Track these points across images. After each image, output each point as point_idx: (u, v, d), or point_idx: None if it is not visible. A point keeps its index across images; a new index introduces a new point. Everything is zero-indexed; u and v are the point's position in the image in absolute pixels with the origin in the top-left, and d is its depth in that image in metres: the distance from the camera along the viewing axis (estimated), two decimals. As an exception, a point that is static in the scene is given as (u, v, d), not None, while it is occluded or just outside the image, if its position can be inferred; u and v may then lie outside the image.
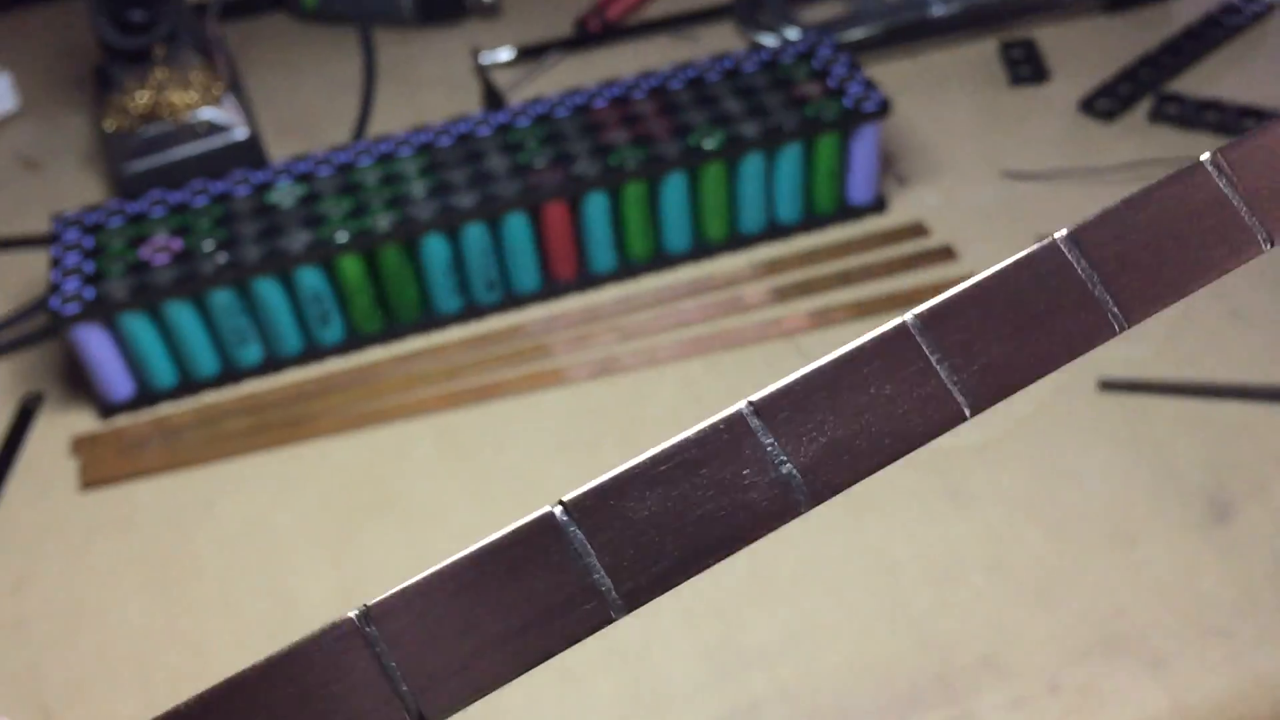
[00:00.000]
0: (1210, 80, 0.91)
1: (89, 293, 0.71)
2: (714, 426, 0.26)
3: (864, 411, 0.27)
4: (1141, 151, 0.85)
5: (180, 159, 0.89)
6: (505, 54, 1.02)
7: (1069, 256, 0.30)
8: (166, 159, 0.88)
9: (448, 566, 0.25)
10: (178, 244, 0.74)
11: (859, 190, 0.82)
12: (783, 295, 0.79)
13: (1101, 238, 0.30)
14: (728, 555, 0.26)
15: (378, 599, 0.25)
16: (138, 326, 0.72)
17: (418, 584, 0.25)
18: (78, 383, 0.77)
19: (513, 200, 0.74)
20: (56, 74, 1.07)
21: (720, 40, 1.02)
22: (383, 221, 0.73)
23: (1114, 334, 0.29)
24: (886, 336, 0.28)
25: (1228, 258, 0.30)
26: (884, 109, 0.78)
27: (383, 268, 0.76)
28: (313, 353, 0.77)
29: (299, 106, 1.00)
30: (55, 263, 0.73)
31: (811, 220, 0.83)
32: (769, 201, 0.81)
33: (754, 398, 0.26)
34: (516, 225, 0.76)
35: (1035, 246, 0.29)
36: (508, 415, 0.74)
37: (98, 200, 0.92)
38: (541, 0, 1.10)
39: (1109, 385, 0.70)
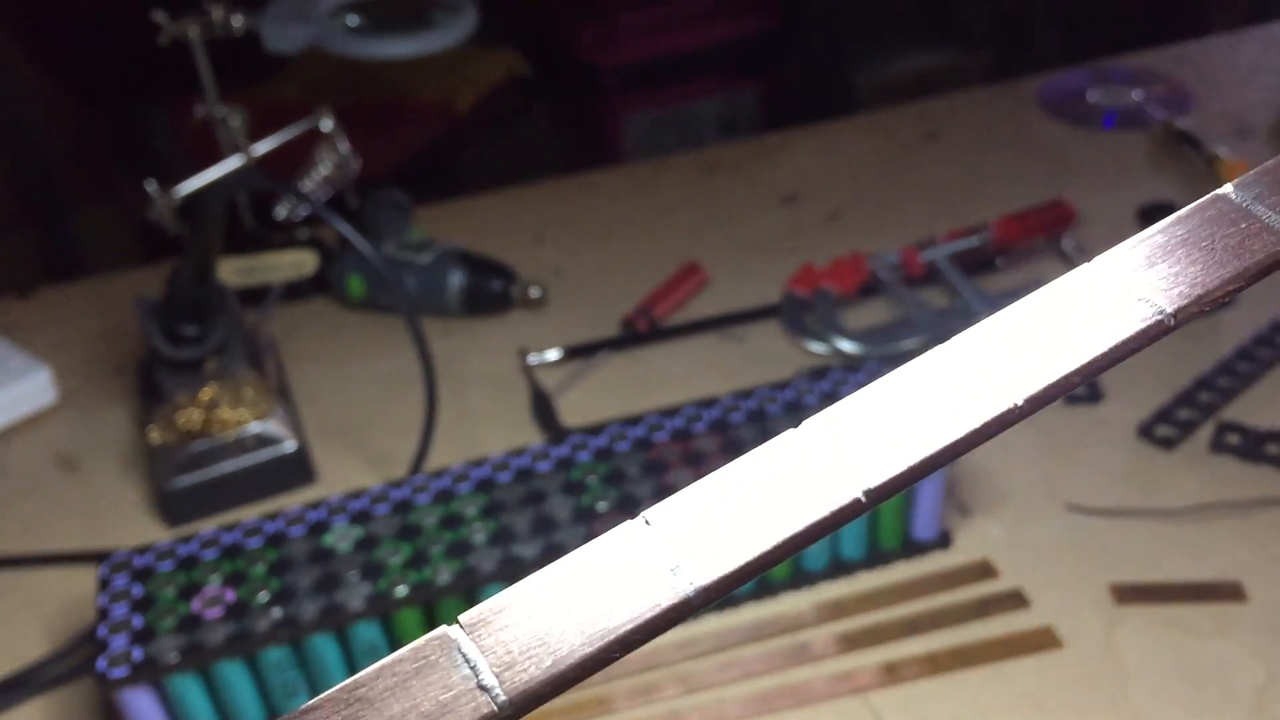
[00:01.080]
0: (1268, 404, 0.90)
1: (138, 654, 0.68)
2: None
3: None
4: (1205, 485, 0.84)
5: (226, 473, 0.87)
6: (552, 354, 1.02)
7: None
8: (212, 474, 0.87)
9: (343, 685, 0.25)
10: (230, 595, 0.71)
11: (924, 526, 0.81)
12: (850, 643, 0.76)
13: None
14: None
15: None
16: (186, 687, 0.69)
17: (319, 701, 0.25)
18: (115, 735, 0.73)
19: (577, 551, 0.72)
20: (97, 363, 1.07)
21: (767, 341, 1.02)
22: (443, 574, 0.71)
23: None
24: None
25: None
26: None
27: (440, 618, 0.73)
28: (363, 703, 0.74)
29: (346, 405, 0.99)
30: (103, 614, 0.70)
31: (876, 557, 0.81)
32: (833, 539, 0.80)
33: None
34: (579, 573, 0.74)
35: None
36: (568, 781, 0.70)
37: (137, 516, 0.90)
38: (588, 294, 1.10)
39: (1202, 767, 0.67)
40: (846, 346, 0.98)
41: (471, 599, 0.73)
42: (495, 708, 0.26)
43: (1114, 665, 0.73)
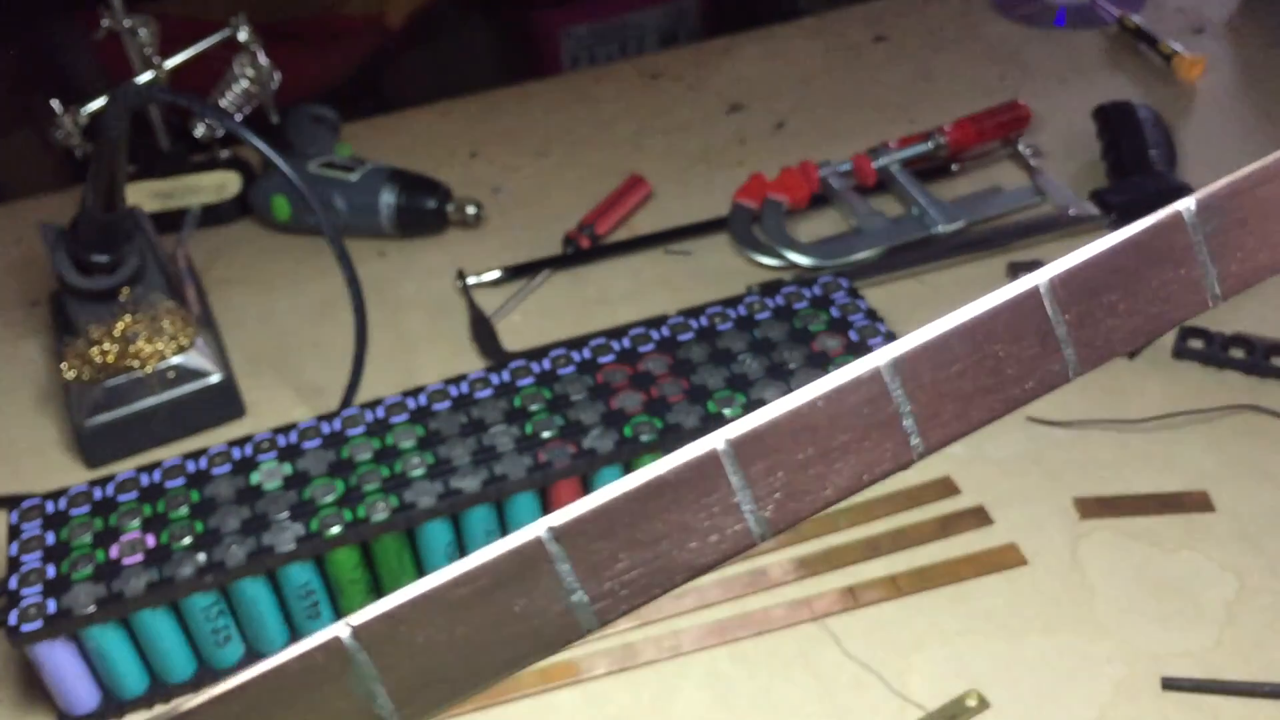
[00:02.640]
0: (1233, 311, 0.87)
1: (52, 605, 0.63)
2: (512, 553, 0.25)
3: (661, 539, 0.26)
4: (1168, 393, 0.81)
5: (147, 409, 0.82)
6: (492, 275, 0.97)
7: (888, 384, 0.27)
8: (131, 411, 0.82)
9: (238, 685, 0.24)
10: (151, 540, 0.67)
11: (882, 444, 0.78)
12: (809, 568, 0.73)
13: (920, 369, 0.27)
14: (507, 676, 0.26)
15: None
16: (106, 638, 0.65)
17: (211, 698, 0.24)
18: (34, 692, 0.69)
19: (521, 482, 0.69)
20: (8, 295, 1.00)
21: (715, 256, 0.98)
22: (379, 510, 0.67)
23: (911, 460, 0.28)
24: (693, 464, 0.26)
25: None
26: (910, 366, 0.74)
27: (378, 556, 0.69)
28: (299, 648, 0.70)
29: (274, 334, 0.94)
30: (14, 565, 0.66)
31: (833, 477, 0.77)
32: (788, 460, 0.76)
33: (554, 522, 0.25)
34: (525, 505, 0.70)
35: (861, 372, 0.26)
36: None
37: (54, 457, 0.85)
38: (527, 211, 1.05)
39: (1172, 684, 0.65)
40: (798, 259, 0.94)
41: (411, 536, 0.69)
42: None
43: (1080, 581, 0.71)
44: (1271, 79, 1.14)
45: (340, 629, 0.24)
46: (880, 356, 0.26)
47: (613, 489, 0.26)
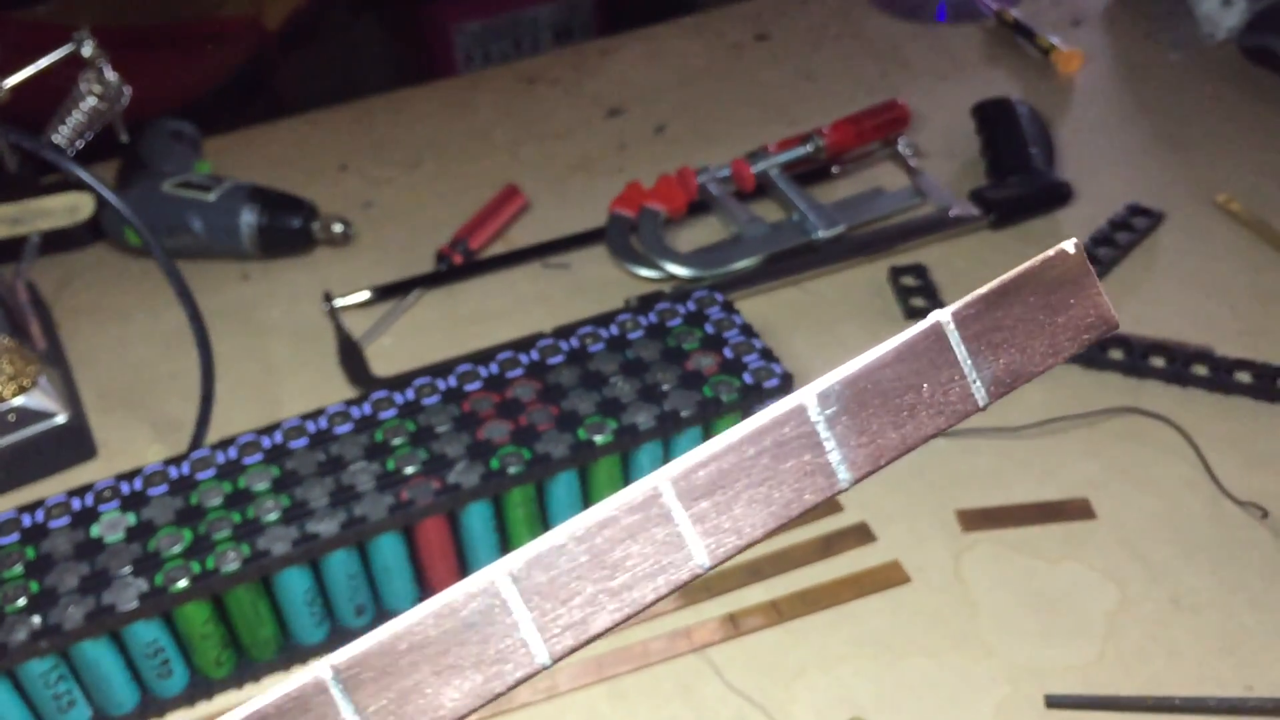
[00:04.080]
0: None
1: None
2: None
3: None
4: (1048, 398, 0.80)
5: (-13, 455, 0.77)
6: (360, 296, 0.93)
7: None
8: (-30, 458, 0.77)
9: None
10: (-19, 603, 0.62)
11: (762, 462, 0.75)
12: (687, 597, 0.71)
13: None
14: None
15: None
16: (-67, 713, 0.60)
17: None
18: None
19: (383, 523, 0.65)
20: None
21: (593, 268, 0.95)
22: (230, 561, 0.63)
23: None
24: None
25: None
26: (787, 383, 0.72)
27: (232, 608, 0.65)
28: (154, 708, 0.66)
29: (129, 367, 0.90)
30: None
31: (713, 499, 0.75)
32: (666, 484, 0.74)
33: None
34: (388, 545, 0.67)
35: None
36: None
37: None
38: (398, 227, 1.01)
39: (1056, 702, 0.64)
40: (677, 270, 0.92)
41: (267, 584, 0.66)
42: None
43: (963, 596, 0.70)
44: (1149, 70, 1.14)
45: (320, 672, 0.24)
46: (655, 479, 0.25)
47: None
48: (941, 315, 0.26)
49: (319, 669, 0.24)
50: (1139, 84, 1.13)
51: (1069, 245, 0.27)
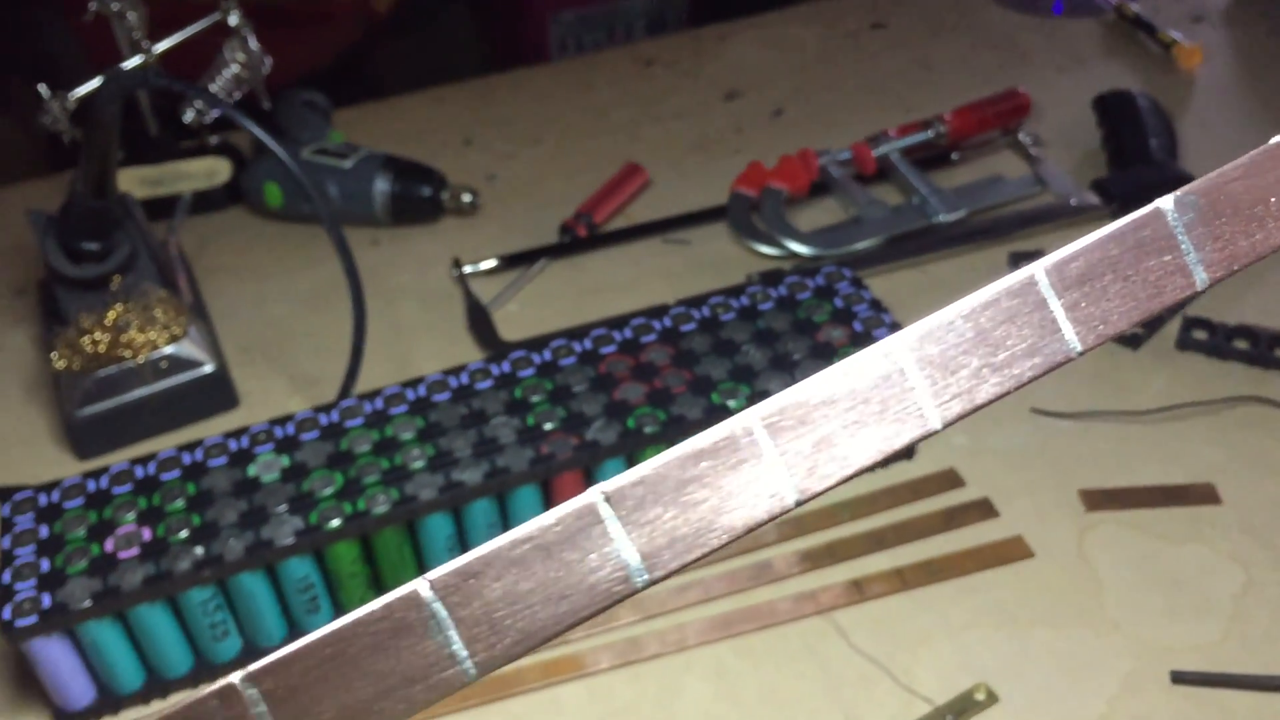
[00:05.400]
0: (1237, 301, 0.87)
1: (46, 600, 0.62)
2: (570, 513, 0.27)
3: (701, 503, 0.27)
4: (1172, 384, 0.81)
5: (139, 400, 0.81)
6: (488, 264, 0.95)
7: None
8: (123, 402, 0.80)
9: (324, 635, 0.26)
10: (147, 533, 0.65)
11: (885, 435, 0.77)
12: (813, 561, 0.72)
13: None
14: (567, 630, 0.27)
15: (260, 663, 0.26)
16: (102, 633, 0.64)
17: (298, 650, 0.26)
18: (28, 687, 0.68)
19: (524, 475, 0.68)
20: (-6, 282, 0.99)
21: (714, 245, 0.97)
22: (380, 504, 0.66)
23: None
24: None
25: None
26: (915, 357, 0.73)
27: (379, 550, 0.68)
28: (298, 642, 0.69)
29: (267, 324, 0.93)
30: (6, 559, 0.64)
31: (836, 469, 0.77)
32: (792, 452, 0.75)
33: (607, 487, 0.27)
34: (527, 498, 0.69)
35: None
36: (516, 715, 0.66)
37: (45, 448, 0.83)
38: (523, 199, 1.04)
39: (1181, 678, 0.64)
40: (799, 248, 0.93)
41: (411, 529, 0.68)
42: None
43: (1087, 573, 0.70)
44: (1270, 67, 1.13)
45: (419, 583, 0.26)
46: (892, 344, 0.28)
47: (659, 459, 0.27)
48: None
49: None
50: (1260, 79, 1.13)
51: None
